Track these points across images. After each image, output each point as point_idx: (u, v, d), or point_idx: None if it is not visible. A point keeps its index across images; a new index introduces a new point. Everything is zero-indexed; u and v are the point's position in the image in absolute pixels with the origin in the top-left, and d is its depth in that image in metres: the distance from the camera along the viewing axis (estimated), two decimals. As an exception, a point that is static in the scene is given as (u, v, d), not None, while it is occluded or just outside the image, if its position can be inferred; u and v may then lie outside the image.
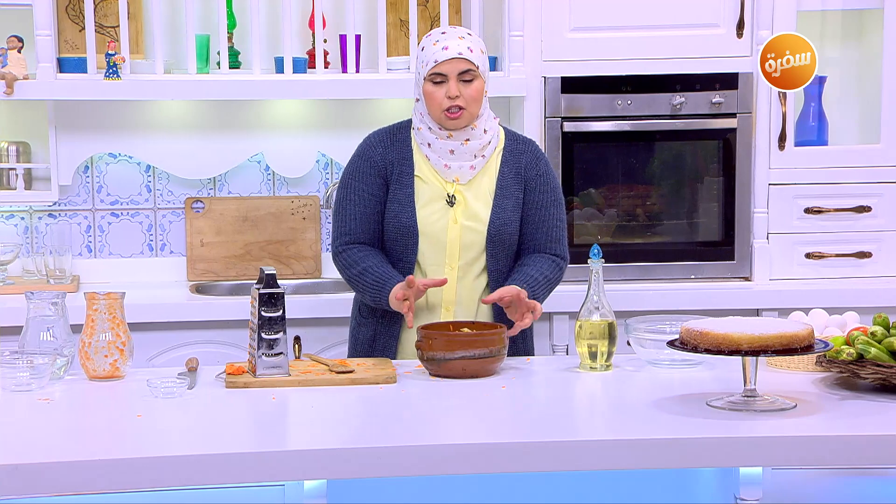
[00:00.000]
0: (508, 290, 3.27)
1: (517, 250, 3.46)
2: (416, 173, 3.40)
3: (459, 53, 3.30)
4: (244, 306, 3.44)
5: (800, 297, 4.17)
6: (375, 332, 3.45)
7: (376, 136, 3.47)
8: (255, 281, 3.09)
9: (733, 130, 4.35)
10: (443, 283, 3.29)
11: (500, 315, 3.41)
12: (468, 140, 3.37)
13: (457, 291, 3.39)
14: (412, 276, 3.27)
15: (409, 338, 3.39)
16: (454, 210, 3.39)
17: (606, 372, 3.13)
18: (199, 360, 3.20)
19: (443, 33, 3.36)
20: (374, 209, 3.41)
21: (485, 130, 3.38)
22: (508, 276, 3.41)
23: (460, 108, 3.32)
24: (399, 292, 3.26)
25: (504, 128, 3.50)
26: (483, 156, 3.40)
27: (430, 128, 3.38)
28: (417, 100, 3.41)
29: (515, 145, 3.47)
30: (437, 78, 3.32)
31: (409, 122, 3.47)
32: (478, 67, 3.32)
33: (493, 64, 4.40)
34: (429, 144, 3.38)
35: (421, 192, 3.40)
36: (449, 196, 3.39)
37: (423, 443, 2.53)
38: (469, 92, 3.32)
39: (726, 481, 2.84)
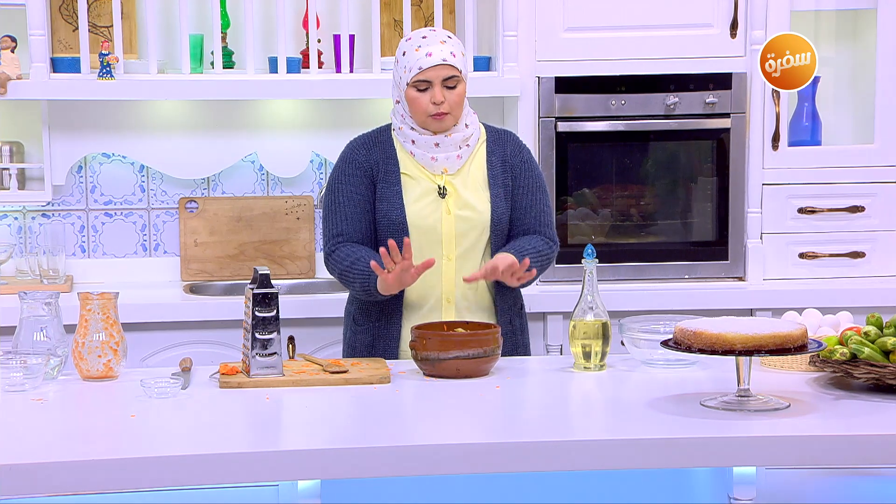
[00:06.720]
0: (504, 259, 3.28)
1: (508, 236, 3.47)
2: (402, 171, 3.41)
3: (444, 60, 3.31)
4: (238, 306, 3.43)
5: (793, 296, 4.17)
6: (374, 338, 3.44)
7: (358, 141, 3.49)
8: (249, 281, 3.09)
9: (727, 130, 4.35)
10: (431, 264, 3.26)
11: (498, 315, 3.42)
12: (450, 133, 3.38)
13: (456, 282, 3.39)
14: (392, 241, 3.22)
15: (409, 339, 3.35)
16: (446, 201, 3.40)
17: (600, 372, 3.13)
18: (192, 360, 3.20)
19: (423, 38, 3.36)
20: (364, 209, 3.41)
21: (466, 125, 3.41)
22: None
23: (445, 112, 3.33)
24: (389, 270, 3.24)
25: (482, 123, 3.51)
26: (468, 145, 3.42)
27: (412, 127, 3.39)
28: (397, 102, 3.41)
29: (497, 136, 3.50)
30: (421, 85, 3.33)
31: (389, 125, 3.48)
32: (461, 72, 3.35)
33: (487, 64, 4.40)
34: (412, 141, 3.39)
35: (410, 188, 3.40)
36: (440, 188, 3.39)
37: (417, 443, 2.52)
38: (452, 97, 3.34)
39: (720, 481, 2.84)
